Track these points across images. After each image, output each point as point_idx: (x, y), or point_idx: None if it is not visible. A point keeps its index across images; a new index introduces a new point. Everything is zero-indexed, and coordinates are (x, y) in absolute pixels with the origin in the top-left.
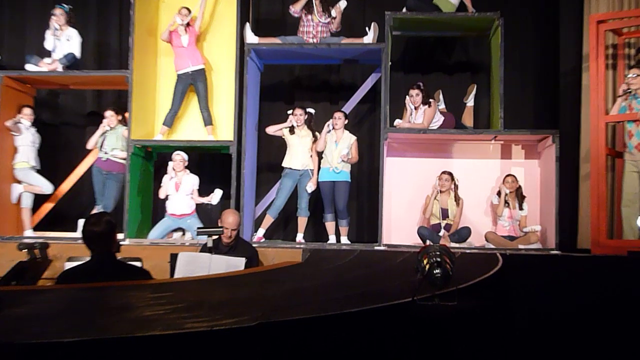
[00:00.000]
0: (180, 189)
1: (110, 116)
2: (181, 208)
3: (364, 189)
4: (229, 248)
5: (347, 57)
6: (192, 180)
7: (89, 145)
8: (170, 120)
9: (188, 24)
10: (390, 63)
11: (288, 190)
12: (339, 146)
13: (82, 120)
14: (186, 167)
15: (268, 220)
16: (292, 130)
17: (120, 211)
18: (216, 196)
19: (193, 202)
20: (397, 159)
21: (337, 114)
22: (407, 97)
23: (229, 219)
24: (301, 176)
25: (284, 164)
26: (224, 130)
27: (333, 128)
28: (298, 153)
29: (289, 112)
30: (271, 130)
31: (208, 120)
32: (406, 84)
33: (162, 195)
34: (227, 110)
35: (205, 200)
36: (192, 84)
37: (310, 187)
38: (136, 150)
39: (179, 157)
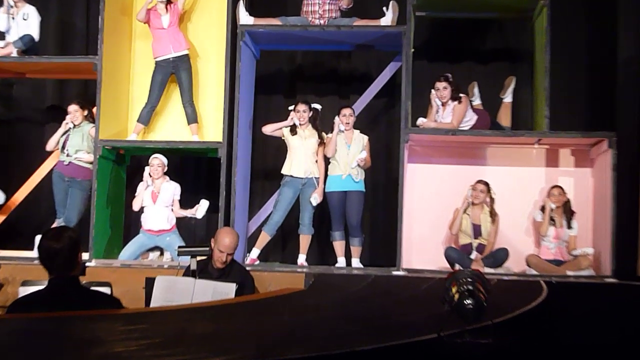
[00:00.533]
0: (158, 200)
1: (74, 111)
2: (159, 223)
3: (380, 202)
4: (220, 273)
5: (360, 43)
6: (173, 190)
7: (49, 147)
8: (147, 117)
9: (170, 2)
10: (412, 50)
11: (288, 202)
12: (352, 149)
13: (40, 115)
14: (165, 174)
15: (264, 239)
16: (293, 129)
17: (85, 226)
18: (202, 209)
19: (173, 216)
20: (420, 165)
21: (346, 111)
22: (432, 91)
23: (226, 240)
24: (304, 185)
25: (283, 171)
26: (211, 130)
27: (341, 130)
28: (300, 157)
29: (290, 108)
30: (269, 129)
31: (192, 117)
32: (432, 76)
33: (136, 207)
34: (216, 105)
35: (188, 213)
36: (174, 73)
37: (316, 198)
38: (105, 153)
39: (157, 162)
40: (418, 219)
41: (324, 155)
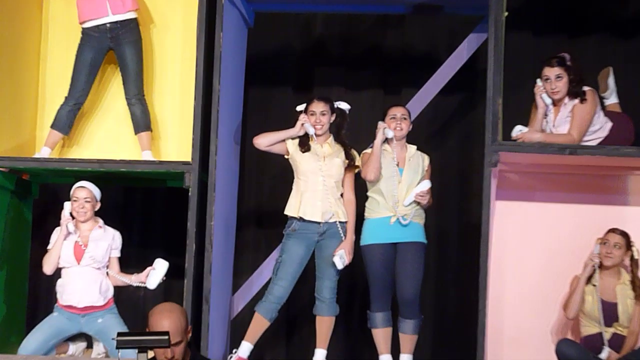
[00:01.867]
0: (85, 258)
1: None
2: (86, 295)
3: (448, 263)
4: None
5: (418, 2)
6: (110, 241)
7: None
8: (68, 121)
9: None
10: (506, 14)
11: (297, 264)
12: (406, 175)
13: None
14: (98, 215)
15: (259, 325)
16: (304, 143)
17: None
18: (156, 273)
19: (110, 284)
20: (516, 203)
21: (397, 111)
22: (538, 82)
23: (163, 323)
24: (322, 235)
25: (288, 212)
26: (174, 143)
27: (386, 139)
28: (317, 190)
29: (300, 108)
30: (264, 142)
31: (142, 122)
32: (537, 56)
33: (48, 268)
34: (182, 103)
35: (134, 280)
36: (113, 49)
37: (343, 257)
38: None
39: (84, 194)
40: (511, 291)
41: (353, 185)
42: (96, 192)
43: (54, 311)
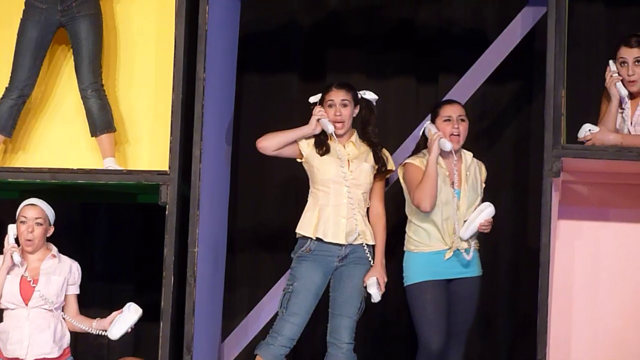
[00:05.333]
0: (35, 296)
1: None
2: (37, 344)
3: (497, 297)
4: None
5: None
6: (66, 274)
7: None
8: (10, 119)
9: None
10: None
11: (313, 293)
12: (465, 195)
13: None
14: (50, 240)
15: None
16: (321, 144)
17: None
18: (123, 321)
19: (66, 330)
20: (584, 223)
21: (453, 110)
22: (610, 64)
23: None
24: (343, 260)
25: (302, 231)
26: (146, 147)
27: (445, 150)
28: (341, 203)
29: (314, 99)
30: (272, 145)
31: (102, 120)
32: (610, 34)
33: None
34: (156, 97)
35: (95, 327)
36: (64, 24)
37: (376, 288)
38: None
39: (34, 215)
40: (580, 335)
41: (383, 195)
42: (49, 212)
43: None
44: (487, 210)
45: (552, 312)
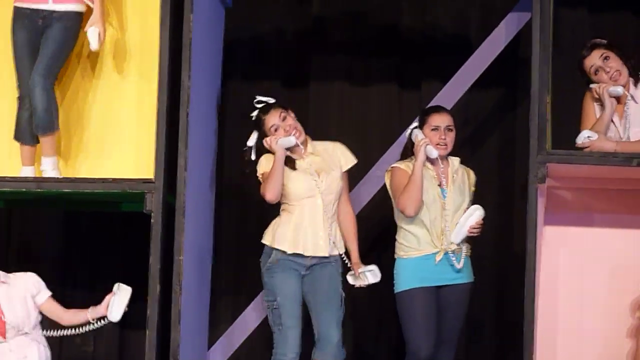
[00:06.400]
0: (9, 329)
1: None
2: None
3: (482, 302)
4: None
5: None
6: (23, 292)
7: None
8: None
9: None
10: None
11: (298, 302)
12: (451, 197)
13: None
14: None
15: None
16: (289, 159)
17: None
18: (119, 301)
19: (46, 345)
20: (570, 228)
21: (441, 119)
22: (593, 68)
23: None
24: (310, 269)
25: (279, 245)
26: (130, 155)
27: (431, 157)
28: (317, 215)
29: (250, 141)
30: (275, 189)
31: (45, 118)
32: (596, 37)
33: None
34: (141, 103)
35: (91, 315)
36: (43, 31)
37: (371, 273)
38: None
39: None
40: (565, 339)
41: (348, 189)
42: None
43: None
44: (476, 213)
45: (538, 318)
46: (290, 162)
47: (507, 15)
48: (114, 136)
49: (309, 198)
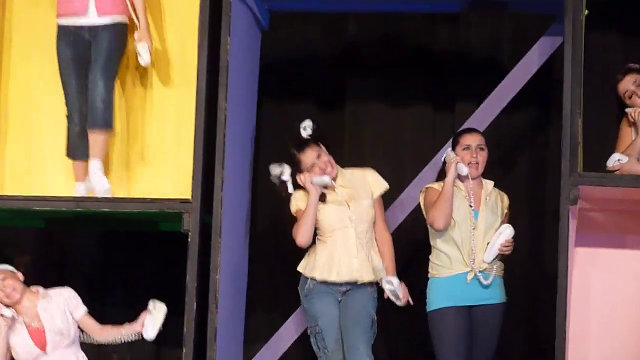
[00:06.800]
0: (49, 339)
1: None
2: None
3: (515, 324)
4: None
5: None
6: (62, 305)
7: None
8: (82, 145)
9: None
10: (586, 12)
11: (338, 328)
12: (483, 218)
13: None
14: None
15: None
16: (323, 196)
17: None
18: (154, 320)
19: (77, 348)
20: (602, 250)
21: (472, 139)
22: (628, 93)
23: None
24: (346, 295)
25: (315, 274)
26: (169, 175)
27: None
28: (350, 244)
29: (277, 170)
30: (307, 234)
31: (103, 114)
32: (626, 62)
33: None
34: (179, 125)
35: (127, 332)
36: (91, 42)
37: (390, 285)
38: None
39: (7, 281)
40: (598, 357)
41: (384, 215)
42: (7, 266)
43: None
44: (507, 232)
45: (570, 340)
46: (321, 196)
47: (540, 39)
48: (154, 156)
49: (342, 229)
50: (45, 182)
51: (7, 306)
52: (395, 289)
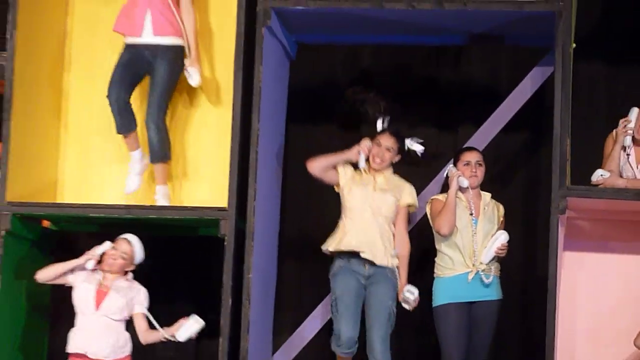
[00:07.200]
0: (105, 303)
1: None
2: (99, 345)
3: (509, 320)
4: None
5: (478, 32)
6: (134, 294)
7: None
8: (128, 116)
9: None
10: (574, 45)
11: (355, 295)
12: (481, 226)
13: None
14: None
15: None
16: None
17: None
18: (189, 328)
19: (128, 340)
20: (587, 254)
21: (472, 156)
22: (632, 113)
23: None
24: (369, 279)
25: (328, 246)
26: (208, 186)
27: (463, 186)
28: (365, 225)
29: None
30: (318, 165)
31: (159, 150)
32: (609, 90)
33: (43, 275)
34: (216, 141)
35: (163, 334)
36: (151, 62)
37: (412, 293)
38: (16, 227)
39: (124, 249)
40: (583, 354)
41: (407, 224)
42: (138, 255)
43: None
44: (502, 237)
45: (558, 334)
46: (357, 175)
47: (533, 69)
48: (195, 169)
49: (360, 210)
50: (99, 191)
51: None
52: (414, 299)
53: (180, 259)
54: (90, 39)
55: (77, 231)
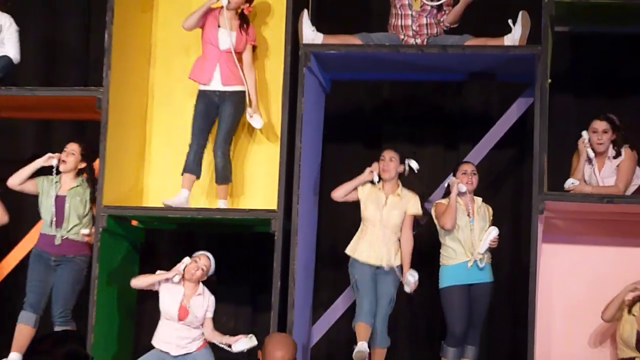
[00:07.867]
0: (187, 320)
1: (71, 152)
2: (179, 346)
3: (500, 300)
4: None
5: (474, 71)
6: (207, 305)
7: (12, 182)
8: (195, 163)
9: (244, 22)
10: (549, 81)
11: (369, 279)
12: (476, 224)
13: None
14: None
15: (364, 331)
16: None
17: (79, 327)
18: (245, 343)
19: (198, 338)
20: (562, 246)
21: (467, 168)
22: (584, 134)
23: (277, 354)
24: (377, 270)
25: (347, 250)
26: (261, 193)
27: (459, 192)
28: (375, 236)
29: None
30: (341, 194)
31: (223, 174)
32: (578, 116)
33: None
34: (267, 157)
35: (222, 340)
36: (219, 104)
37: (414, 276)
38: (111, 225)
39: (204, 263)
40: (559, 323)
41: (412, 225)
42: (212, 267)
43: (153, 352)
44: (493, 232)
45: (538, 309)
46: (371, 191)
47: (517, 99)
48: (251, 179)
49: (372, 224)
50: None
51: (183, 278)
52: (414, 281)
53: (239, 251)
54: (167, 77)
55: (159, 228)
